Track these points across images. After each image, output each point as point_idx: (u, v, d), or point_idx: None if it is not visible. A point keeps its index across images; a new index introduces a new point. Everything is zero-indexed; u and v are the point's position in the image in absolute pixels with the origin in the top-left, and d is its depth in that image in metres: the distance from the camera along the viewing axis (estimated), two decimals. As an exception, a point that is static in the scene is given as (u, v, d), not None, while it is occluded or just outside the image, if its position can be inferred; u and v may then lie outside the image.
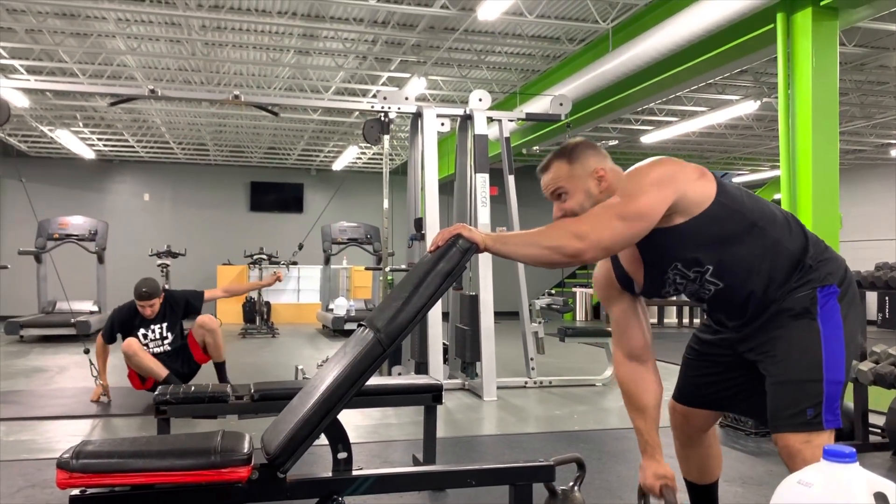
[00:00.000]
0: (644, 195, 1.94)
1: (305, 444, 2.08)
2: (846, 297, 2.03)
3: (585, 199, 2.11)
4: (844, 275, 2.06)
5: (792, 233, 2.06)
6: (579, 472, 2.58)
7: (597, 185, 2.12)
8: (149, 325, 5.30)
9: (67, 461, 1.89)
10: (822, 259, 2.05)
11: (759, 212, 2.04)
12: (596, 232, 1.91)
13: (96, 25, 7.54)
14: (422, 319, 2.30)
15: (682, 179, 1.98)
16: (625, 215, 1.92)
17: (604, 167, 2.13)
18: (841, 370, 1.97)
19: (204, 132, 12.64)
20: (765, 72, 8.79)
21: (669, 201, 1.94)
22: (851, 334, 2.02)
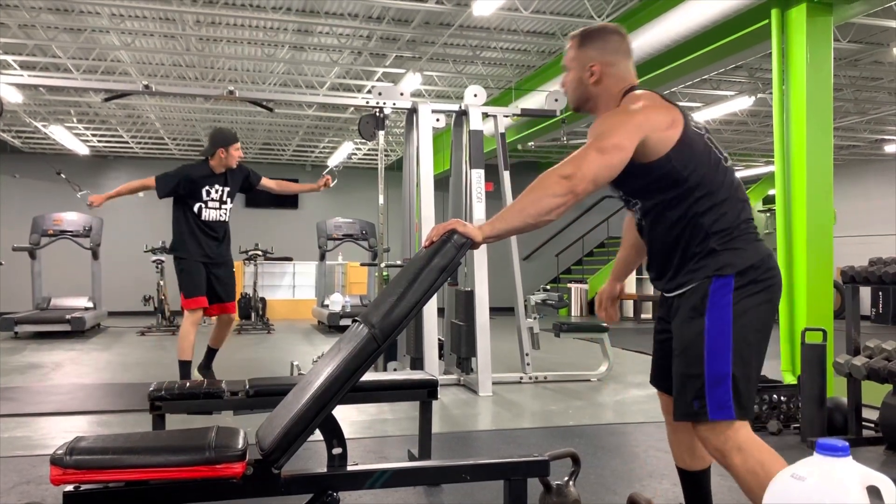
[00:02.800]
0: (618, 132, 2.05)
1: (300, 439, 2.08)
2: (746, 289, 2.06)
3: (577, 86, 2.28)
4: (750, 267, 2.08)
5: (722, 214, 2.11)
6: (574, 466, 2.59)
7: (588, 77, 2.25)
8: (213, 185, 5.43)
9: (61, 457, 1.89)
10: (731, 247, 2.09)
11: (702, 181, 2.11)
12: (581, 168, 2.00)
13: (90, 21, 7.51)
14: (417, 315, 2.30)
15: (651, 125, 2.08)
16: (602, 148, 2.02)
17: (600, 62, 2.23)
18: (726, 363, 2.04)
19: (199, 128, 12.61)
20: (759, 67, 8.80)
21: (639, 138, 2.05)
22: (748, 326, 2.06)
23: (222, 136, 5.47)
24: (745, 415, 2.06)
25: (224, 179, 5.48)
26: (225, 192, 5.51)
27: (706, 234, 2.10)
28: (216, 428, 2.10)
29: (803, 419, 4.06)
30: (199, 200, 5.40)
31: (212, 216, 5.46)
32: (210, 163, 5.46)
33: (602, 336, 6.38)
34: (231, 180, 5.54)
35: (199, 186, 5.38)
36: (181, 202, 5.41)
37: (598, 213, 17.21)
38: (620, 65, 2.28)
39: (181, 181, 5.35)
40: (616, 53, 2.28)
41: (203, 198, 5.40)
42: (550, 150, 14.63)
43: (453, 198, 6.53)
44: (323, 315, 10.91)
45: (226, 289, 5.62)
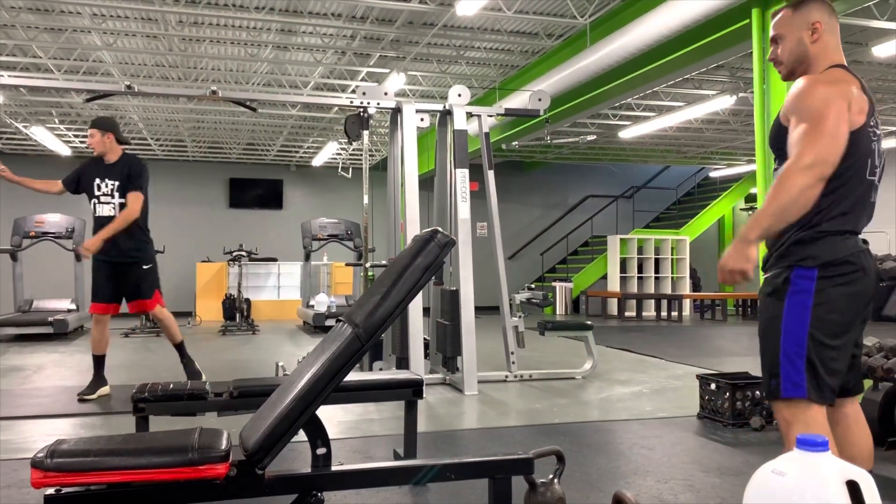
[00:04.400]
0: (831, 111, 2.11)
1: (284, 440, 2.07)
2: (827, 280, 2.14)
3: (796, 47, 2.32)
4: (831, 261, 2.15)
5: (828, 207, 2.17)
6: (559, 464, 2.60)
7: (809, 35, 2.30)
8: (104, 178, 5.23)
9: (42, 460, 1.87)
10: (817, 238, 2.17)
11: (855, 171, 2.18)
12: (819, 153, 2.08)
13: (71, 21, 7.45)
14: (401, 314, 2.30)
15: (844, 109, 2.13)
16: (828, 132, 2.10)
17: (821, 24, 2.28)
18: (801, 344, 2.14)
19: (182, 128, 12.54)
20: (741, 67, 8.87)
21: (845, 116, 2.12)
22: (829, 312, 2.13)
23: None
24: (821, 398, 2.13)
25: (112, 171, 5.25)
26: (115, 185, 5.24)
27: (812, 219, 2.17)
28: (199, 429, 2.09)
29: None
30: (92, 195, 5.24)
31: (105, 212, 5.22)
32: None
33: (586, 334, 6.41)
34: (120, 173, 5.27)
35: (91, 179, 5.24)
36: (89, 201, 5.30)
37: (582, 212, 17.29)
38: (836, 28, 2.34)
39: (80, 175, 5.29)
40: (832, 16, 2.34)
41: (95, 192, 5.22)
42: (534, 150, 14.68)
43: (438, 197, 6.53)
44: (308, 315, 10.88)
45: (135, 286, 5.31)
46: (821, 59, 2.29)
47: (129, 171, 5.27)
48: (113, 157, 5.32)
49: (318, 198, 16.17)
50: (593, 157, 15.68)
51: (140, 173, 5.29)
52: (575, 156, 15.42)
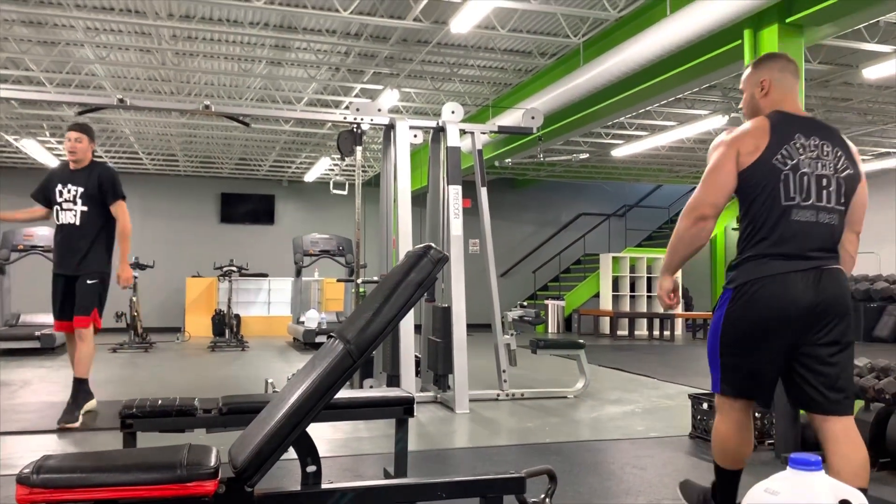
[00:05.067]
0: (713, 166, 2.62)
1: (273, 457, 2.05)
2: (737, 301, 2.56)
3: (749, 100, 2.78)
4: (742, 286, 2.54)
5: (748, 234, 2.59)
6: (550, 484, 2.57)
7: (759, 91, 2.73)
8: (67, 183, 4.96)
9: (27, 476, 1.84)
10: (739, 264, 2.60)
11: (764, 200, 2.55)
12: (696, 199, 2.60)
13: (64, 34, 7.45)
14: (392, 331, 2.29)
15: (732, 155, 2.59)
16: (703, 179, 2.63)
17: (769, 80, 2.71)
18: (715, 352, 2.65)
19: (174, 143, 12.52)
20: (733, 87, 8.94)
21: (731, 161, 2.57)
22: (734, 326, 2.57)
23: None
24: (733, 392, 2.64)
25: (78, 178, 4.97)
26: (78, 191, 4.95)
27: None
28: (188, 446, 2.06)
29: (777, 435, 4.10)
30: (54, 202, 4.98)
31: (67, 219, 4.95)
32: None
33: (578, 353, 6.40)
34: (88, 180, 4.96)
35: (54, 185, 4.99)
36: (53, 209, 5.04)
37: (575, 230, 17.33)
38: (785, 80, 2.72)
39: (43, 184, 5.06)
40: (783, 71, 2.73)
41: (57, 198, 4.96)
42: (527, 167, 14.73)
43: (430, 214, 6.53)
44: (298, 332, 10.83)
45: (74, 300, 4.94)
46: (767, 110, 2.68)
47: (101, 180, 4.96)
48: (82, 164, 5.07)
49: (309, 213, 16.15)
50: (586, 176, 15.75)
51: (117, 180, 5.04)
52: (568, 174, 15.48)
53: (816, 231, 2.49)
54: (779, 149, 2.52)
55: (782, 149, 2.52)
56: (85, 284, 4.93)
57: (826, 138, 2.59)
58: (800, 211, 2.49)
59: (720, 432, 2.69)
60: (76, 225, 4.94)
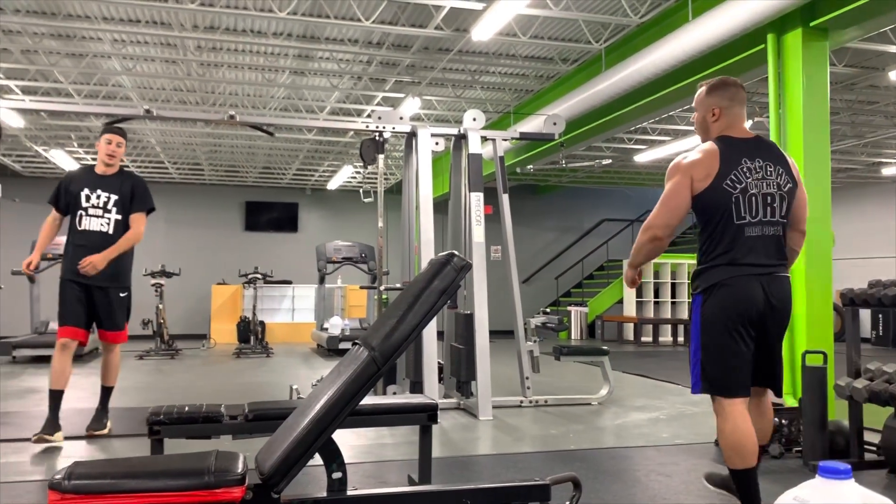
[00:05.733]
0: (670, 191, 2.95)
1: (299, 464, 2.07)
2: (708, 302, 2.89)
3: (701, 122, 3.10)
4: (710, 289, 2.89)
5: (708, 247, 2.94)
6: (575, 491, 2.57)
7: (711, 116, 3.05)
8: (95, 188, 4.71)
9: (60, 482, 1.88)
10: (701, 272, 2.95)
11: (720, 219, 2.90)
12: (651, 220, 2.96)
13: (92, 46, 7.58)
14: (416, 338, 2.30)
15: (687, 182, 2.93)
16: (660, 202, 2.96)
17: (720, 107, 3.02)
18: (696, 353, 2.93)
19: (199, 152, 12.66)
20: (756, 91, 8.87)
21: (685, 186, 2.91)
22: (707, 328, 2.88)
23: (103, 128, 4.86)
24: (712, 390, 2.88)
25: (110, 184, 4.75)
26: (111, 199, 4.72)
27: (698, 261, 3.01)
28: (216, 452, 2.09)
29: (805, 442, 4.05)
30: (79, 207, 4.69)
31: (93, 225, 4.67)
32: (95, 166, 4.86)
33: (602, 360, 6.36)
34: (122, 188, 4.77)
35: (79, 189, 4.69)
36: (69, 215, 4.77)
37: (597, 236, 17.25)
38: (734, 109, 3.03)
39: (62, 188, 4.76)
40: (733, 100, 3.03)
41: (82, 203, 4.69)
42: (549, 174, 14.69)
43: (452, 221, 6.54)
44: (322, 338, 10.88)
45: (108, 313, 4.75)
46: (715, 133, 3.03)
47: (135, 189, 4.83)
48: (112, 170, 4.86)
49: (332, 221, 16.24)
50: (608, 181, 15.67)
51: (148, 193, 4.90)
52: (590, 179, 15.42)
53: (766, 243, 2.88)
54: (727, 175, 2.87)
55: (731, 174, 2.87)
56: (119, 298, 4.78)
57: (768, 159, 2.94)
58: (750, 227, 2.87)
59: (727, 431, 2.84)
60: (108, 234, 4.69)
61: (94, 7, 6.54)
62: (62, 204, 4.77)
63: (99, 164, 4.83)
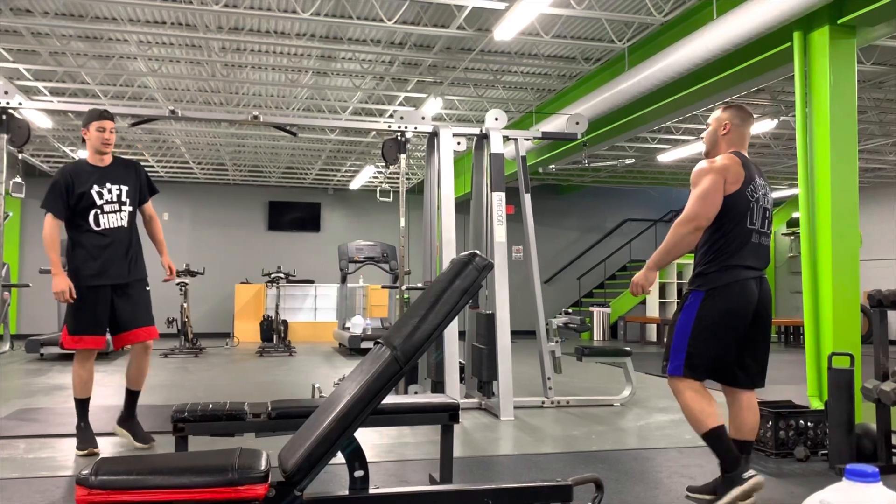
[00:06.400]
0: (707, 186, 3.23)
1: (322, 462, 2.08)
2: (709, 300, 3.21)
3: (713, 135, 3.44)
4: (716, 289, 3.20)
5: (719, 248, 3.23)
6: (597, 492, 2.56)
7: (723, 129, 3.41)
8: (104, 183, 4.31)
9: (86, 478, 1.90)
10: (707, 271, 3.25)
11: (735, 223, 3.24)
12: (695, 211, 3.21)
13: (118, 48, 7.68)
14: (438, 337, 2.30)
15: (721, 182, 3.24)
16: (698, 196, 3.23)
17: (731, 123, 3.39)
18: (682, 342, 3.23)
19: (223, 152, 12.77)
20: (782, 90, 8.77)
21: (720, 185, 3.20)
22: (705, 321, 3.19)
23: (87, 115, 4.39)
24: (693, 375, 3.23)
25: (115, 175, 4.38)
26: (123, 191, 4.37)
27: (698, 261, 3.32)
28: (239, 450, 2.11)
29: (831, 445, 3.99)
30: (93, 207, 4.27)
31: (113, 222, 4.33)
32: (88, 157, 4.42)
33: (625, 360, 6.33)
34: (128, 177, 4.43)
35: (87, 188, 4.26)
36: (73, 218, 4.30)
37: (620, 236, 17.16)
38: (742, 127, 3.40)
39: (64, 191, 4.24)
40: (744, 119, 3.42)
41: (96, 202, 4.27)
42: (571, 173, 14.64)
43: (474, 220, 6.54)
44: (344, 338, 10.93)
45: (139, 310, 4.41)
46: (724, 146, 3.39)
47: (143, 175, 4.53)
48: (108, 159, 4.43)
49: (354, 220, 16.31)
50: (631, 181, 15.58)
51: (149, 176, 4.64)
52: (612, 179, 15.33)
53: (761, 250, 3.28)
54: (749, 184, 3.23)
55: (750, 184, 3.24)
56: (144, 292, 4.47)
57: (763, 179, 3.37)
58: (755, 234, 3.25)
59: (691, 405, 3.22)
60: (125, 227, 4.37)
61: (120, 9, 6.62)
62: (65, 209, 4.26)
63: (93, 154, 4.38)
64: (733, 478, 3.14)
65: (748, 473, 3.13)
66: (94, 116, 4.35)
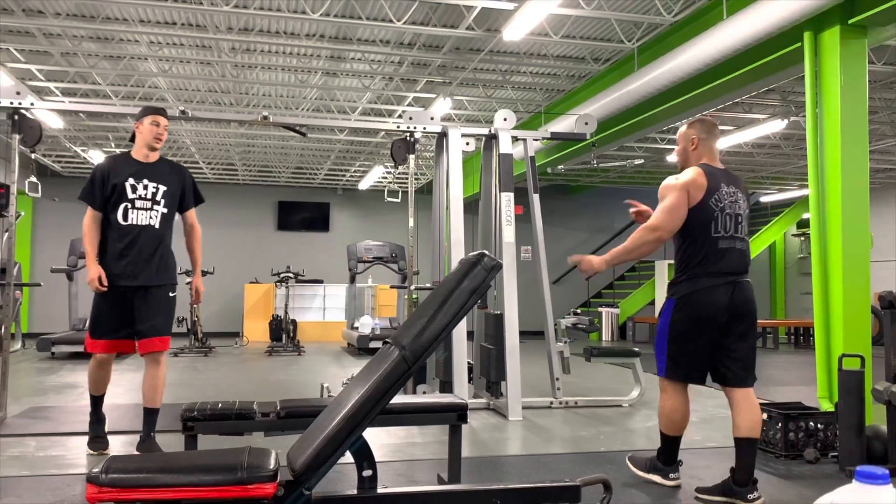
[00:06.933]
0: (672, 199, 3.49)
1: (330, 461, 2.09)
2: (678, 308, 3.48)
3: (682, 151, 3.73)
4: (685, 297, 3.47)
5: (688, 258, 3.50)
6: (606, 493, 2.56)
7: (691, 145, 3.67)
8: (141, 178, 4.18)
9: (97, 476, 1.92)
10: (678, 280, 3.53)
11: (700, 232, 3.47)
12: (661, 222, 3.47)
13: (129, 48, 7.72)
14: (447, 337, 2.31)
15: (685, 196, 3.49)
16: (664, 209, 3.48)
17: (697, 138, 3.65)
18: (663, 346, 3.54)
19: (233, 152, 12.82)
20: (792, 90, 8.73)
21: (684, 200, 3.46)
22: (677, 328, 3.48)
23: (141, 110, 4.33)
24: (675, 377, 3.54)
25: (156, 173, 4.25)
26: (160, 190, 4.22)
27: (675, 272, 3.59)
28: (248, 449, 2.12)
29: (841, 447, 3.97)
30: (124, 199, 4.13)
31: (141, 219, 4.15)
32: (132, 151, 4.31)
33: (634, 361, 6.31)
34: (170, 178, 4.30)
35: (122, 180, 4.13)
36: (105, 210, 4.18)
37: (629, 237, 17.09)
38: (709, 141, 3.66)
39: (99, 181, 4.15)
40: (709, 132, 3.66)
41: (128, 195, 4.13)
42: (580, 174, 14.61)
43: (483, 221, 6.54)
44: (352, 337, 10.95)
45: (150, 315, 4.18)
46: (694, 160, 3.64)
47: (187, 181, 4.41)
48: (155, 156, 4.34)
49: (363, 221, 16.33)
50: (640, 181, 15.53)
51: (197, 185, 4.54)
52: (621, 180, 15.30)
53: (732, 256, 3.44)
54: (713, 194, 3.44)
55: (714, 194, 3.44)
56: (167, 297, 4.26)
57: (737, 186, 3.55)
58: (723, 241, 3.44)
59: (667, 407, 3.56)
60: (156, 228, 4.22)
61: (131, 10, 6.66)
62: (100, 199, 4.15)
63: (141, 148, 4.27)
64: (662, 470, 3.66)
65: (753, 495, 3.30)
66: (150, 111, 4.32)
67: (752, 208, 21.09)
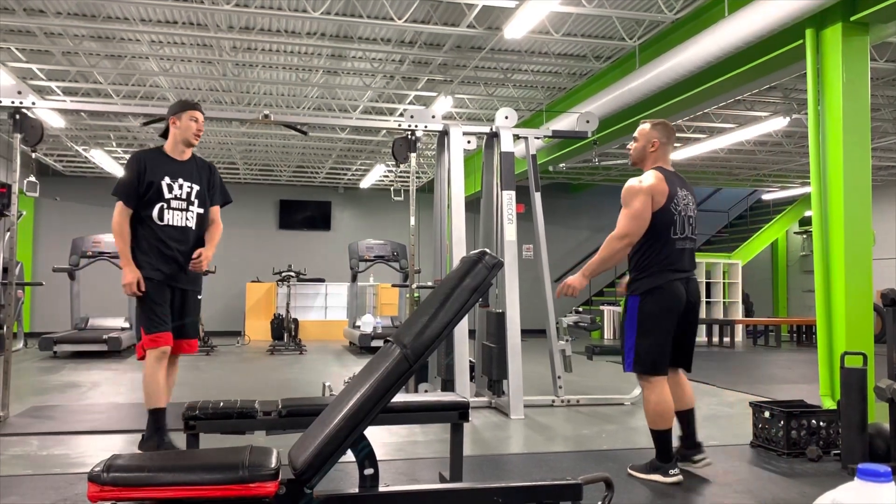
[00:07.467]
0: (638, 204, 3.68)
1: (332, 459, 2.08)
2: (645, 302, 3.67)
3: (641, 150, 3.87)
4: (649, 291, 3.66)
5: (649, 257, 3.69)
6: (608, 491, 2.55)
7: (651, 146, 3.83)
8: (176, 177, 4.07)
9: (99, 474, 1.92)
10: (640, 277, 3.72)
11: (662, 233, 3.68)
12: (628, 229, 3.66)
13: (130, 47, 7.72)
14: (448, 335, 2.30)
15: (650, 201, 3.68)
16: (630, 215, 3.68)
17: (658, 141, 3.82)
18: (631, 342, 3.71)
19: (234, 151, 12.82)
20: (794, 88, 8.72)
21: (649, 204, 3.65)
22: (646, 320, 3.66)
23: (177, 104, 4.19)
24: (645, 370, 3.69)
25: (188, 172, 4.15)
26: (194, 190, 4.13)
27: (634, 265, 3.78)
28: (250, 447, 2.12)
29: (843, 445, 3.97)
30: (160, 199, 4.03)
31: (177, 220, 4.07)
32: (166, 147, 4.19)
33: (635, 359, 6.30)
34: (201, 177, 4.20)
35: (158, 179, 4.02)
36: (138, 207, 4.05)
37: (631, 234, 17.08)
38: (667, 146, 3.85)
39: (136, 177, 4.00)
40: (668, 138, 3.85)
41: (165, 194, 4.02)
42: (582, 172, 14.61)
43: (484, 219, 6.54)
44: (354, 336, 10.95)
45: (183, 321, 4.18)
46: (650, 161, 3.83)
47: (215, 179, 4.30)
48: (189, 154, 4.23)
49: (365, 219, 16.34)
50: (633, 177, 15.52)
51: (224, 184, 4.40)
52: (623, 178, 15.27)
53: (686, 255, 3.73)
54: (672, 199, 3.66)
55: (674, 199, 3.67)
56: (197, 301, 4.24)
57: (688, 189, 3.81)
58: (679, 241, 3.69)
59: (653, 401, 3.66)
60: (191, 230, 4.13)
61: (132, 9, 6.66)
62: (133, 197, 4.01)
63: (178, 144, 4.17)
64: (661, 468, 3.71)
65: (674, 471, 3.66)
66: (188, 106, 4.18)
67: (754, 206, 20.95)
